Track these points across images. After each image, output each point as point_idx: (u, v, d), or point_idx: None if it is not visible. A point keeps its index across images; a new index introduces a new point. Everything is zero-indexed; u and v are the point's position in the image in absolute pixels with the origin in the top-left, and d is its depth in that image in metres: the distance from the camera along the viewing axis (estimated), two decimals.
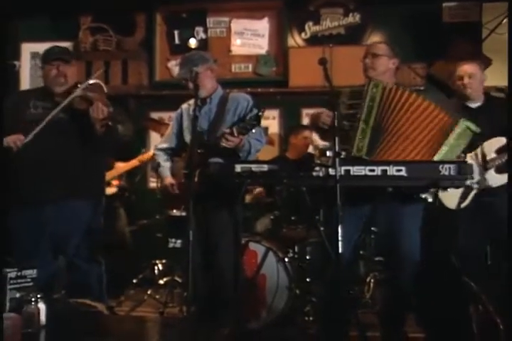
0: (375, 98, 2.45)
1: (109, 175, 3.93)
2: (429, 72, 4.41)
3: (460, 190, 3.03)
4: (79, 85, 2.74)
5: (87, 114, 2.64)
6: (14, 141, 2.63)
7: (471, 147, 3.01)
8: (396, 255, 2.51)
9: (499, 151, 3.05)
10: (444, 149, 2.41)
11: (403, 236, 2.49)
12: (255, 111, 2.57)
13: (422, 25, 4.39)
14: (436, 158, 2.40)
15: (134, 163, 4.01)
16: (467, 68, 3.16)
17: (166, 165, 2.95)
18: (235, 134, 2.55)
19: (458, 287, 2.56)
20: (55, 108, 2.67)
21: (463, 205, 3.07)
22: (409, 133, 2.44)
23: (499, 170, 3.04)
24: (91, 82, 2.75)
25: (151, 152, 3.73)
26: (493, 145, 3.07)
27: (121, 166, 4.03)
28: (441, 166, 2.29)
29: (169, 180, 2.87)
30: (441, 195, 3.04)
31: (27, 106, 2.78)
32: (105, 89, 2.77)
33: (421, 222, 2.57)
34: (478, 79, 3.14)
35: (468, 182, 2.83)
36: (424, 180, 2.30)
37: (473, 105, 3.19)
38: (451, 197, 3.04)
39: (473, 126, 2.46)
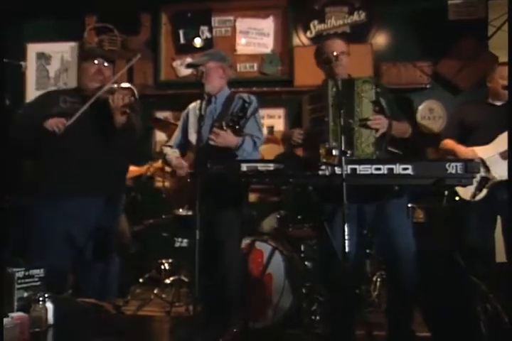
0: (336, 96, 2.48)
1: None
2: (435, 70, 4.39)
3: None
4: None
5: (108, 105, 2.66)
6: (56, 123, 2.64)
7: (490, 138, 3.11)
8: (392, 253, 2.51)
9: None
10: (356, 107, 2.51)
11: (396, 233, 2.49)
12: (241, 102, 2.56)
13: (427, 23, 4.37)
14: (355, 118, 2.49)
15: (145, 168, 4.01)
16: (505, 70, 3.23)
17: (173, 154, 2.94)
18: (224, 127, 2.54)
19: (463, 285, 2.56)
20: (83, 102, 2.70)
21: (478, 197, 3.08)
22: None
23: None
24: (123, 85, 2.79)
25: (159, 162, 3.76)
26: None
27: (131, 170, 4.04)
28: (447, 164, 2.28)
29: (178, 160, 2.85)
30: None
31: (56, 102, 2.81)
32: (136, 93, 2.79)
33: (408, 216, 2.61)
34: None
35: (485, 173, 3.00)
36: (431, 178, 2.29)
37: (498, 103, 3.29)
38: (466, 188, 3.04)
39: (367, 78, 2.58)
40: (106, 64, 2.85)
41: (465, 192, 3.14)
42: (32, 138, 2.74)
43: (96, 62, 2.83)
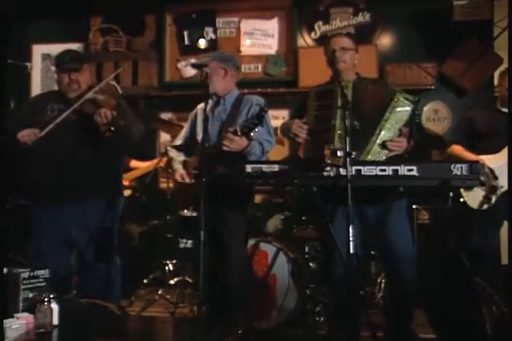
0: (346, 97, 2.43)
1: (130, 175, 3.97)
2: (440, 71, 4.38)
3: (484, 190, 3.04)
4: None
5: (93, 118, 2.67)
6: (29, 134, 2.67)
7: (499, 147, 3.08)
8: (391, 254, 2.50)
9: None
10: (383, 124, 2.44)
11: (393, 234, 2.48)
12: (258, 109, 2.55)
13: (432, 24, 4.37)
14: (375, 136, 2.43)
15: (153, 163, 4.04)
16: None
17: (178, 158, 2.94)
18: (238, 133, 2.53)
19: (469, 287, 2.55)
20: (72, 112, 2.72)
21: (486, 206, 3.05)
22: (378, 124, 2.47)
23: None
24: (102, 84, 2.78)
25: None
26: None
27: (143, 166, 4.07)
28: (452, 166, 2.27)
29: (180, 170, 2.85)
30: (465, 193, 3.04)
31: (44, 109, 2.83)
32: (119, 90, 2.78)
33: (408, 217, 2.58)
34: None
35: (494, 183, 2.94)
36: (436, 179, 2.28)
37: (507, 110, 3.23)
38: (474, 197, 3.02)
39: (411, 97, 2.48)
40: (80, 70, 2.83)
41: (473, 201, 3.11)
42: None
43: (66, 72, 2.81)
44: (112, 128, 2.63)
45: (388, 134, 2.45)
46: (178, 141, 3.02)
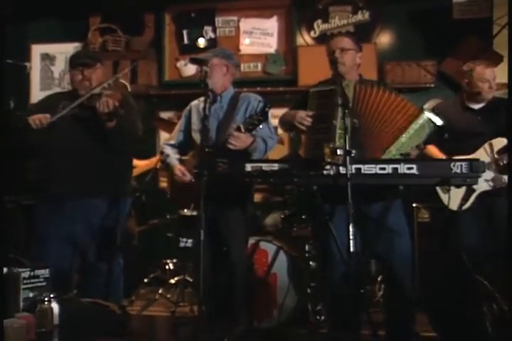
0: (347, 96, 2.39)
1: None
2: (439, 70, 4.38)
3: (462, 192, 3.02)
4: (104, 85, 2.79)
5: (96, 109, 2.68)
6: (40, 118, 2.67)
7: (472, 147, 3.05)
8: (389, 254, 2.49)
9: (500, 152, 3.05)
10: (402, 138, 2.42)
11: (393, 233, 2.47)
12: (262, 106, 2.55)
13: (431, 22, 4.36)
14: (393, 146, 2.42)
15: (152, 161, 4.03)
16: (489, 72, 3.14)
17: (174, 156, 2.91)
18: (242, 130, 2.52)
19: (469, 286, 2.55)
20: (80, 107, 2.74)
21: (465, 207, 3.05)
22: (380, 128, 2.46)
23: (500, 171, 3.02)
24: (111, 81, 2.79)
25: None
26: (494, 146, 3.06)
27: (141, 164, 4.05)
28: (452, 164, 2.27)
29: (178, 167, 2.81)
30: (443, 196, 3.05)
31: (57, 106, 2.83)
32: (129, 88, 2.79)
33: (408, 215, 2.58)
34: (494, 83, 3.13)
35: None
36: (436, 178, 2.29)
37: (476, 106, 3.20)
38: (453, 199, 3.01)
39: (435, 119, 2.46)
40: (93, 66, 2.84)
41: (452, 203, 3.10)
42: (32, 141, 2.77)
43: (79, 69, 2.83)
44: (113, 118, 2.63)
45: (403, 148, 2.43)
46: (173, 140, 3.01)
